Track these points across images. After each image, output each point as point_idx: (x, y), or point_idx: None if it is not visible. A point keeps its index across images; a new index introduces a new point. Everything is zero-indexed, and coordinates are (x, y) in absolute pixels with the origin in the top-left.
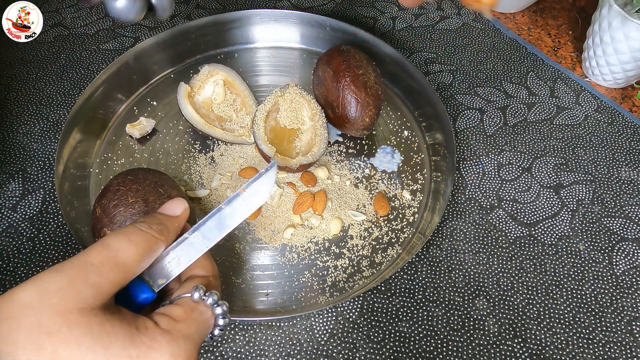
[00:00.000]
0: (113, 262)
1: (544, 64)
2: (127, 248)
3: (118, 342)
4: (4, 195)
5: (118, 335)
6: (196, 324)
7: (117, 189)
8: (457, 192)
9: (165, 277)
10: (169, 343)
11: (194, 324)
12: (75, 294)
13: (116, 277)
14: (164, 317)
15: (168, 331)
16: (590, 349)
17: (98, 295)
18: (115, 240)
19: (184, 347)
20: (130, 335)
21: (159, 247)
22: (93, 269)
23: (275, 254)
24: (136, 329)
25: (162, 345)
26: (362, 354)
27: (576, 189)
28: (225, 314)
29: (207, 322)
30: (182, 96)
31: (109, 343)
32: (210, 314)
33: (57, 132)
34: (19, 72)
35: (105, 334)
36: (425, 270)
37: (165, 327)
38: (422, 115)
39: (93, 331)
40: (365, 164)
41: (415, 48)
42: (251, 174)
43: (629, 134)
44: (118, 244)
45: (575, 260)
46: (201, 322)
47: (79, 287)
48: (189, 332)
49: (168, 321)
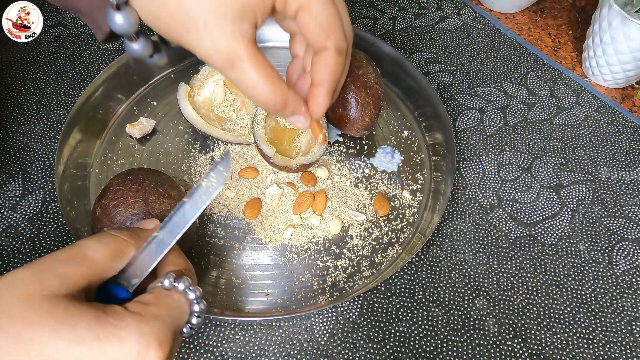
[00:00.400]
0: (81, 257)
1: (544, 64)
2: (95, 246)
3: (83, 322)
4: (4, 195)
5: (83, 317)
6: (167, 307)
7: (117, 189)
8: (457, 192)
9: (138, 277)
10: (138, 323)
11: (164, 307)
12: (40, 283)
13: (83, 271)
14: (134, 303)
15: (137, 313)
16: (590, 349)
17: (64, 284)
18: (85, 241)
19: (155, 327)
20: (97, 317)
21: (129, 249)
22: (60, 263)
23: (275, 254)
24: (103, 312)
25: (130, 325)
26: (362, 354)
27: (576, 189)
28: (198, 299)
29: (181, 307)
30: (182, 96)
31: (74, 324)
32: (184, 300)
33: (57, 132)
34: (19, 72)
35: (70, 316)
36: (425, 270)
37: (134, 310)
38: (422, 115)
39: (57, 314)
40: (365, 164)
41: (415, 48)
42: (251, 174)
43: (629, 134)
44: (87, 244)
45: (575, 260)
46: (173, 306)
47: (43, 278)
48: (159, 313)
49: (138, 305)
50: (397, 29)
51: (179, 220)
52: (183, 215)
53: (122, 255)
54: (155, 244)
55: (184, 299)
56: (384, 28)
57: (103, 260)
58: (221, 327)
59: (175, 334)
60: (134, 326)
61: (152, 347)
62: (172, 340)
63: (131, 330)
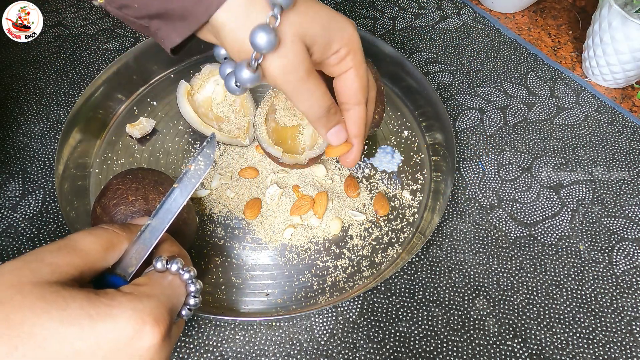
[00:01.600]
0: (72, 247)
1: (544, 64)
2: (86, 237)
3: (75, 303)
4: (4, 195)
5: (75, 298)
6: (160, 286)
7: (117, 188)
8: (457, 192)
9: (134, 265)
10: (131, 301)
11: (158, 286)
12: (30, 271)
13: (74, 260)
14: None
15: (130, 293)
16: (590, 349)
17: (55, 273)
18: (76, 233)
19: (148, 304)
20: (88, 298)
21: (120, 241)
22: (50, 253)
23: (275, 254)
24: (95, 294)
25: (123, 303)
26: (362, 354)
27: (576, 189)
28: (193, 279)
29: (175, 287)
30: (182, 94)
31: (65, 305)
32: (179, 282)
33: (57, 132)
34: (19, 72)
35: (61, 298)
36: (425, 270)
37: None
38: (422, 115)
39: (47, 297)
40: (365, 164)
41: (415, 48)
42: (251, 174)
43: (629, 134)
44: (78, 236)
45: (575, 260)
46: (167, 285)
47: (34, 266)
48: (152, 292)
49: (131, 286)
50: (397, 29)
51: (170, 207)
52: (174, 200)
53: (114, 246)
54: (149, 231)
55: (178, 280)
56: (384, 28)
57: (94, 251)
58: (221, 327)
59: (172, 313)
60: (126, 304)
61: (147, 324)
62: (168, 319)
63: (123, 308)
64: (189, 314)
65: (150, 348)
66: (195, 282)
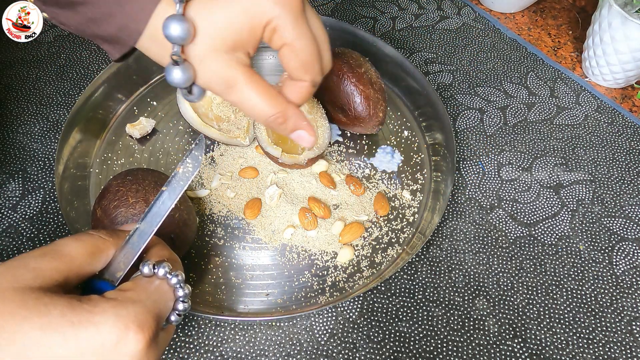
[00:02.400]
0: (56, 252)
1: (544, 64)
2: (71, 243)
3: (56, 310)
4: (4, 195)
5: (57, 305)
6: (146, 291)
7: (117, 190)
8: (457, 192)
9: (122, 269)
10: (114, 307)
11: (143, 291)
12: (12, 276)
13: (58, 265)
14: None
15: (113, 299)
16: (590, 349)
17: (38, 278)
18: (62, 239)
19: (132, 309)
20: (71, 304)
21: (107, 247)
22: (34, 258)
23: (275, 254)
24: (78, 300)
25: (105, 309)
26: (362, 354)
27: (576, 189)
28: (181, 284)
29: (163, 293)
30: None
31: (46, 312)
32: (167, 287)
33: (57, 132)
34: (19, 72)
35: (42, 304)
36: (425, 270)
37: (111, 296)
38: (422, 115)
39: (28, 304)
40: (365, 164)
41: (415, 48)
42: (251, 174)
43: (629, 134)
44: (63, 241)
45: (575, 260)
46: (153, 290)
47: (15, 271)
48: (137, 297)
49: (115, 292)
50: (397, 29)
51: (158, 210)
52: (162, 203)
53: (100, 252)
54: (137, 235)
55: (166, 285)
56: (384, 28)
57: (79, 256)
58: (221, 327)
59: (159, 318)
60: (109, 310)
61: (131, 330)
62: (154, 325)
63: (106, 315)
64: (178, 320)
65: (135, 354)
66: (183, 287)
